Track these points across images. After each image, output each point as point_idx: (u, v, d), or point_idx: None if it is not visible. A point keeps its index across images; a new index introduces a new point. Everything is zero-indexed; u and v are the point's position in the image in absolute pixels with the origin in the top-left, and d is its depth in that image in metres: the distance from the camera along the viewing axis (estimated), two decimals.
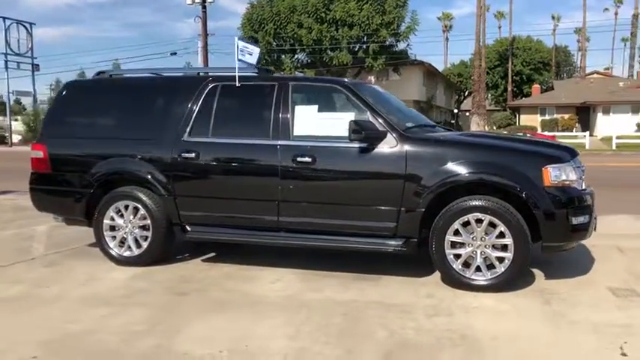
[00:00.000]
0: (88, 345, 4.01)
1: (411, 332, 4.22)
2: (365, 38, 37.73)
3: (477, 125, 43.92)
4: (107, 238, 6.14)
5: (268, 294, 5.16)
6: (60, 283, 5.49)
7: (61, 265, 6.20)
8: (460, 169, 5.12)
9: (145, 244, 6.02)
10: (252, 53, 6.03)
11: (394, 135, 5.30)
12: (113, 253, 6.10)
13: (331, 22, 37.20)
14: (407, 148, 5.25)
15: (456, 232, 5.15)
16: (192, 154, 5.79)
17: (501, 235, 5.04)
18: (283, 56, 39.67)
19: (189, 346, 3.96)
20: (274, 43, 39.21)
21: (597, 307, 4.75)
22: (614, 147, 33.86)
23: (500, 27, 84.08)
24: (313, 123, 5.57)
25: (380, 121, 5.37)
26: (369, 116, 5.42)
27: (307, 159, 5.44)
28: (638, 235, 7.53)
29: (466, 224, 5.13)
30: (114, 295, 5.14)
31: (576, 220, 5.04)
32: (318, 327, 4.33)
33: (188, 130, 5.88)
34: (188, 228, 5.94)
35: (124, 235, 6.11)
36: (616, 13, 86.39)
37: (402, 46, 39.78)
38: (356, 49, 38.34)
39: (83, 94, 6.63)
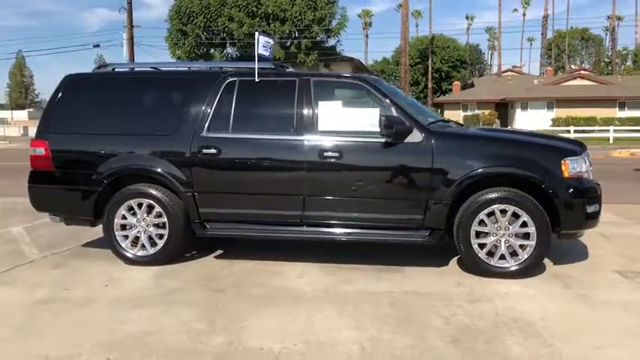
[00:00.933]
0: (157, 345, 3.93)
1: (464, 318, 4.43)
2: (296, 34, 37.82)
3: None
4: (119, 238, 5.94)
5: (304, 288, 5.21)
6: (81, 286, 5.28)
7: (69, 267, 5.96)
8: (489, 162, 5.37)
9: (160, 243, 5.88)
10: (270, 48, 6.02)
11: (420, 130, 5.48)
12: (127, 253, 5.93)
13: (263, 16, 37.00)
14: (433, 142, 5.44)
15: (481, 222, 5.41)
16: (214, 150, 5.72)
17: (524, 224, 5.34)
18: (213, 50, 39.07)
19: (261, 342, 3.97)
20: (204, 37, 38.54)
21: (615, 288, 5.16)
22: None
23: (417, 25, 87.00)
24: (337, 118, 5.64)
25: (406, 116, 5.54)
26: (393, 111, 5.57)
27: (335, 154, 5.52)
28: (616, 222, 8.13)
29: (490, 214, 5.39)
30: (149, 295, 5.01)
31: (590, 209, 5.42)
32: (374, 317, 4.45)
33: (206, 125, 5.80)
34: (207, 225, 5.87)
35: (137, 234, 5.94)
36: (524, 14, 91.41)
37: (332, 42, 40.20)
38: (288, 45, 38.36)
39: (86, 88, 6.35)
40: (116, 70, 6.49)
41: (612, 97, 43.07)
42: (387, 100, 5.65)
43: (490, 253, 5.45)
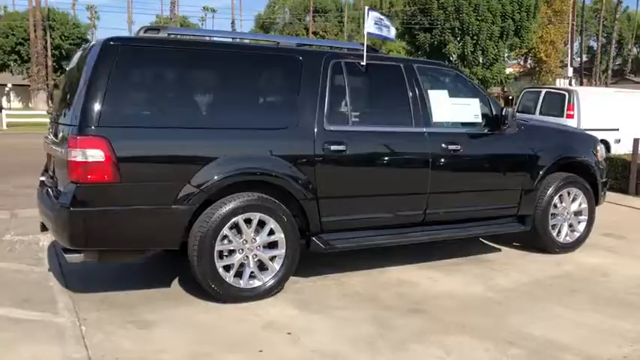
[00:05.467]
0: None
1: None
2: None
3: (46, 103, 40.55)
4: (220, 270, 4.37)
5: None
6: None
7: (152, 327, 4.11)
8: (563, 151, 5.94)
9: (276, 266, 4.58)
10: (388, 26, 5.18)
11: (515, 121, 5.68)
12: (233, 288, 4.42)
13: None
14: (524, 133, 5.71)
15: (555, 206, 5.96)
16: (342, 146, 4.73)
17: (578, 202, 6.11)
18: None
19: None
20: None
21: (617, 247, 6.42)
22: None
23: None
24: (446, 108, 5.34)
25: (498, 106, 5.65)
26: (489, 103, 5.60)
27: (456, 146, 5.27)
28: None
29: (561, 196, 5.99)
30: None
31: (606, 187, 6.54)
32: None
33: (326, 116, 4.74)
34: (329, 236, 4.84)
35: (243, 261, 4.48)
36: None
37: None
38: None
39: (149, 60, 4.30)
40: (175, 35, 4.61)
41: None
42: (483, 92, 5.65)
43: (558, 233, 6.06)
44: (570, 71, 42.20)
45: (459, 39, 39.99)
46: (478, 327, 4.11)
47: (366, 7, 5.14)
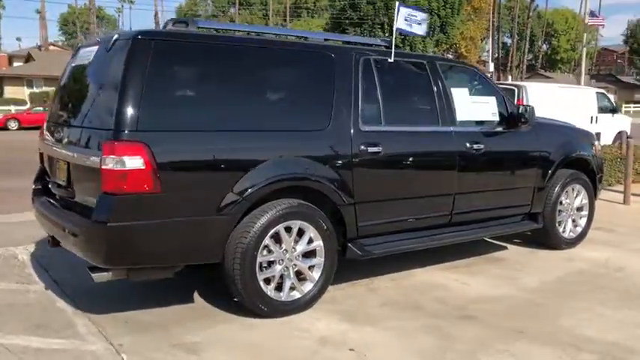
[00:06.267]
0: None
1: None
2: None
3: None
4: (261, 283, 4.05)
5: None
6: None
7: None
8: (574, 149, 5.99)
9: (315, 276, 4.30)
10: (420, 23, 4.96)
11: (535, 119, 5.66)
12: (274, 302, 4.11)
13: None
14: (536, 130, 5.70)
15: (560, 202, 6.01)
16: (378, 148, 4.51)
17: (580, 198, 6.20)
18: None
19: None
20: None
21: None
22: None
23: None
24: (468, 106, 5.23)
25: (512, 103, 5.61)
26: (504, 100, 5.55)
27: (480, 145, 5.17)
28: None
29: (567, 192, 6.04)
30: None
31: (601, 182, 6.68)
32: None
33: (360, 116, 4.50)
34: (365, 242, 4.61)
35: (283, 272, 4.18)
36: None
37: None
38: None
39: (182, 56, 3.84)
40: (204, 28, 4.19)
41: None
42: (498, 90, 5.58)
43: (563, 230, 6.12)
44: (492, 66, 43.76)
45: (387, 34, 40.57)
46: (534, 331, 4.02)
47: (397, 3, 4.92)
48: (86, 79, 4.19)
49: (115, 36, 3.86)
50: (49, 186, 4.57)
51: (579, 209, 6.23)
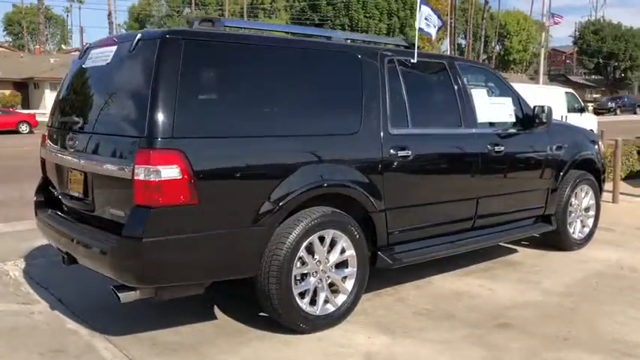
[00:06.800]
0: None
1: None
2: None
3: None
4: (297, 297, 3.81)
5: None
6: None
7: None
8: (582, 150, 5.96)
9: (348, 288, 4.09)
10: (435, 25, 4.80)
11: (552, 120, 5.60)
12: (310, 316, 3.88)
13: None
14: (549, 131, 5.64)
15: (570, 203, 5.98)
16: (407, 151, 4.34)
17: (588, 199, 6.18)
18: None
19: None
20: None
21: None
22: None
23: None
24: (487, 108, 5.11)
25: (528, 105, 5.54)
26: (519, 101, 5.47)
27: (501, 147, 5.07)
28: None
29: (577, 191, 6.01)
30: None
31: (604, 182, 6.68)
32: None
33: (389, 119, 4.31)
34: (393, 250, 4.43)
35: (317, 284, 3.95)
36: None
37: None
38: None
39: (213, 57, 3.55)
40: (232, 28, 3.92)
41: None
42: (513, 90, 5.50)
43: (573, 230, 6.08)
44: None
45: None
46: (578, 338, 3.92)
47: (419, 0, 4.75)
48: (105, 82, 3.85)
49: (139, 35, 3.55)
50: (58, 198, 4.22)
51: (587, 209, 6.22)
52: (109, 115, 3.68)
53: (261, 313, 4.15)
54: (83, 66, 4.05)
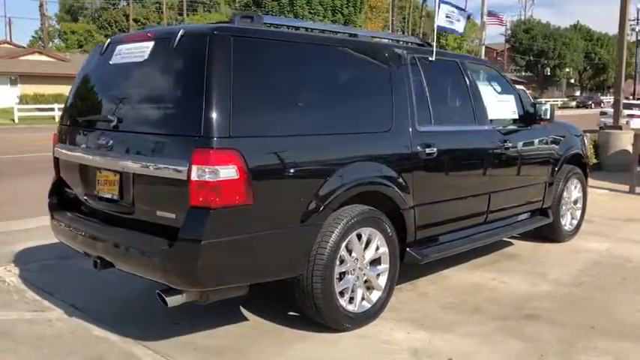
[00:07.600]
0: None
1: None
2: None
3: None
4: (337, 295, 3.79)
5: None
6: None
7: None
8: (572, 145, 6.20)
9: (381, 285, 4.10)
10: (460, 19, 4.82)
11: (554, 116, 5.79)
12: (350, 314, 3.87)
13: None
14: (546, 127, 5.84)
15: (563, 197, 6.21)
16: (434, 149, 4.38)
17: (577, 191, 6.45)
18: None
19: None
20: None
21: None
22: (16, 120, 32.78)
23: None
24: (495, 105, 5.25)
25: (529, 102, 5.72)
26: (520, 97, 5.63)
27: (509, 143, 5.21)
28: None
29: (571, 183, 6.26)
30: None
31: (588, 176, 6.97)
32: None
33: (417, 116, 4.35)
34: (420, 246, 4.47)
35: (355, 281, 3.94)
36: None
37: None
38: None
39: (260, 55, 3.44)
40: (271, 24, 3.82)
41: (70, 75, 43.05)
42: (512, 85, 5.65)
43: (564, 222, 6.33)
44: None
45: None
46: (603, 326, 4.07)
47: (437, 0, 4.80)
48: (143, 79, 3.67)
49: (181, 31, 3.42)
50: (75, 199, 4.01)
51: (575, 202, 6.47)
52: (152, 113, 3.53)
53: (291, 312, 4.12)
54: (110, 62, 3.86)
